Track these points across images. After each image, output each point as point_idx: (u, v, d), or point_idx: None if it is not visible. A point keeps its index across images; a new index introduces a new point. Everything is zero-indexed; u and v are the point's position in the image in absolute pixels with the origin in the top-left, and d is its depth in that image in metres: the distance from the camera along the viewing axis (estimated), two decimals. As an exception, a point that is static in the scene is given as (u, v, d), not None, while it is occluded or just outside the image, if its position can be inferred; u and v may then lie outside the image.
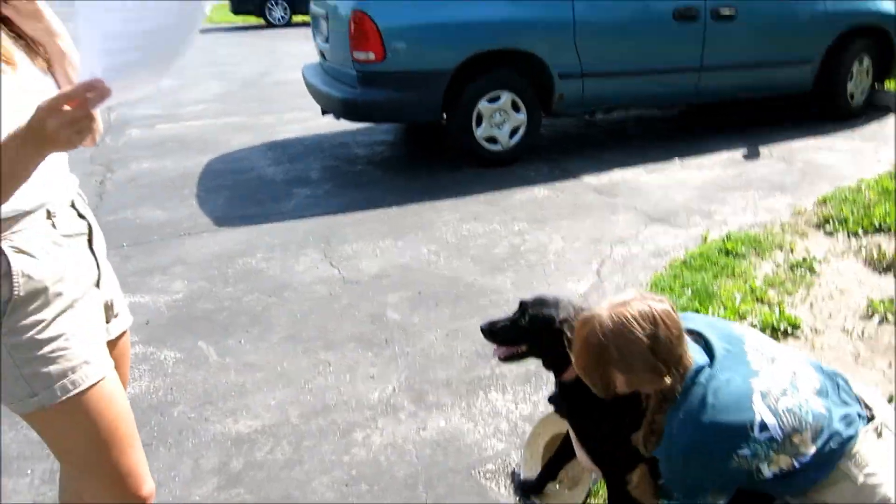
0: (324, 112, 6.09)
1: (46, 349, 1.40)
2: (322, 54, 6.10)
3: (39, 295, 1.39)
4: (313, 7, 6.24)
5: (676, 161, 5.60)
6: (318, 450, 2.54)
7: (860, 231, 4.08)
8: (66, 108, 1.17)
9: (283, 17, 18.05)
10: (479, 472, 2.40)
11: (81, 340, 1.46)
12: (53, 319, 1.41)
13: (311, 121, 7.26)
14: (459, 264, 3.99)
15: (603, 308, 1.64)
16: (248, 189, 5.33)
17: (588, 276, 3.78)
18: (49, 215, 1.44)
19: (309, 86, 6.12)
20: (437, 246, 4.24)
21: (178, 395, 2.90)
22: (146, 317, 3.51)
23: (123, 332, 1.73)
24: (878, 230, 4.08)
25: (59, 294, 1.42)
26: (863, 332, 3.12)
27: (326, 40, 5.81)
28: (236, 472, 2.44)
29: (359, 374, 2.99)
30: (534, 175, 5.39)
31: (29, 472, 2.48)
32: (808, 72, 6.33)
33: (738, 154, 5.71)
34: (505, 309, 3.44)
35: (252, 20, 18.87)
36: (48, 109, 1.17)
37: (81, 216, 1.55)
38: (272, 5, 17.94)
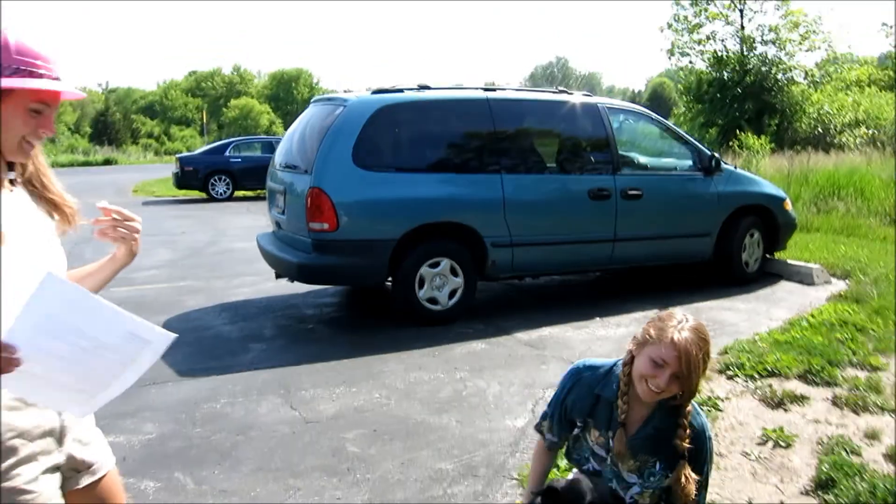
0: (278, 276, 6.62)
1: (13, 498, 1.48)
2: (277, 224, 6.70)
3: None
4: (270, 183, 6.93)
5: (597, 319, 6.28)
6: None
7: (755, 375, 4.74)
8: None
9: (224, 192, 18.91)
10: (439, 574, 2.75)
11: (27, 497, 1.51)
12: (6, 473, 1.48)
13: (259, 284, 7.77)
14: (408, 406, 4.42)
15: (677, 331, 2.16)
16: (207, 345, 5.70)
17: (524, 414, 4.26)
18: None
19: (264, 252, 6.68)
20: (388, 391, 4.67)
21: (159, 521, 3.17)
22: (122, 454, 3.77)
23: (104, 476, 1.77)
24: (770, 374, 4.74)
25: (17, 447, 1.49)
26: (759, 455, 3.67)
27: (283, 212, 6.44)
28: (222, 582, 2.73)
29: (326, 496, 3.33)
30: (471, 332, 5.95)
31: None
32: (708, 243, 7.29)
33: (650, 313, 6.43)
34: (451, 444, 3.88)
35: (195, 194, 19.69)
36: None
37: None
38: (215, 181, 18.84)
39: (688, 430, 2.23)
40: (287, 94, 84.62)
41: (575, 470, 2.52)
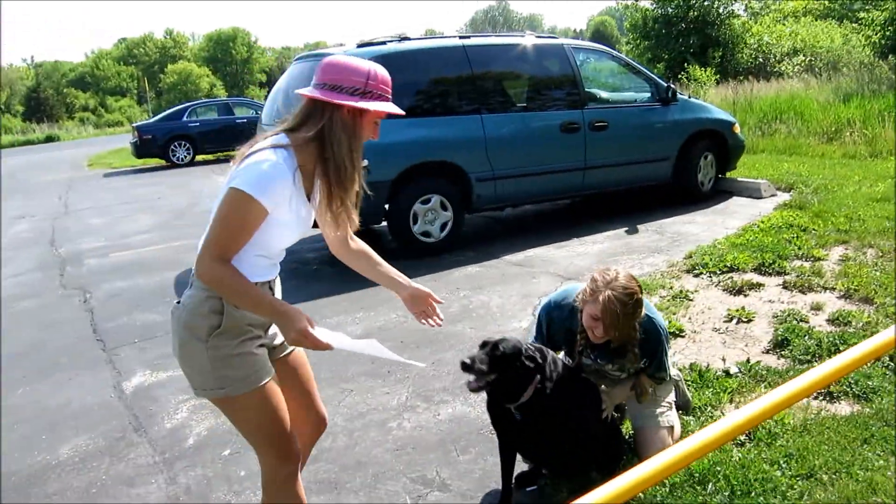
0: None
1: (234, 361, 2.09)
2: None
3: (235, 328, 2.09)
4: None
5: (574, 240, 6.99)
6: (366, 435, 3.51)
7: (717, 271, 5.50)
8: (305, 341, 2.00)
9: (185, 157, 19.06)
10: (487, 432, 3.43)
11: (255, 358, 2.14)
12: (240, 343, 2.10)
13: (256, 237, 8.25)
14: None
15: (607, 290, 2.65)
16: (226, 290, 6.22)
17: (527, 318, 4.95)
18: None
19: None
20: (403, 312, 5.29)
21: (241, 420, 3.77)
22: (186, 383, 4.33)
23: (292, 352, 2.40)
24: (730, 270, 5.51)
25: (249, 330, 2.13)
26: (726, 329, 4.43)
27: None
28: (314, 455, 3.36)
29: (376, 393, 3.98)
30: (464, 259, 6.60)
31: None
32: (668, 166, 8.03)
33: (621, 231, 7.18)
34: (469, 345, 4.54)
35: (154, 162, 19.80)
36: (299, 332, 1.97)
37: (271, 289, 2.24)
38: (175, 147, 18.98)
39: (637, 353, 2.84)
40: (225, 55, 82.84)
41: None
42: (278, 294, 2.33)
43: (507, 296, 5.47)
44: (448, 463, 3.22)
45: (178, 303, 2.16)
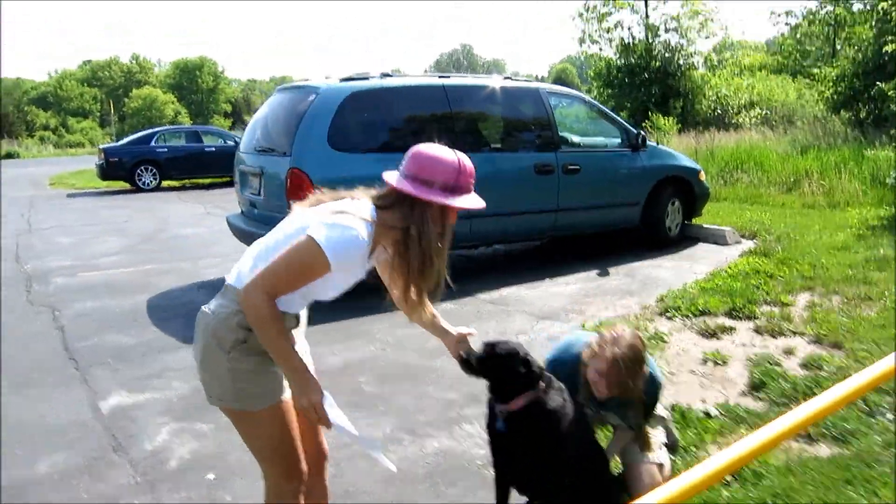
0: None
1: (253, 377, 2.16)
2: (252, 204, 7.18)
3: (259, 346, 2.10)
4: (241, 167, 7.39)
5: (547, 280, 7.10)
6: (353, 465, 3.51)
7: (690, 314, 5.64)
8: (312, 413, 2.08)
9: (150, 182, 18.87)
10: (475, 465, 3.46)
11: (273, 376, 2.19)
12: (261, 360, 2.15)
13: (226, 264, 8.11)
14: (404, 354, 5.10)
15: (613, 348, 2.76)
16: (199, 317, 6.17)
17: (507, 355, 5.00)
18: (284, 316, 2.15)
19: (239, 230, 7.17)
20: (381, 345, 5.33)
21: (226, 448, 3.73)
22: (166, 406, 4.31)
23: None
24: (702, 313, 5.66)
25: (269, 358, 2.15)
26: (703, 372, 4.55)
27: (258, 192, 6.94)
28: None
29: (359, 425, 3.89)
30: (439, 295, 6.64)
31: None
32: (637, 211, 8.23)
33: (592, 273, 7.32)
34: (448, 381, 4.58)
35: (118, 185, 19.54)
36: (311, 404, 2.06)
37: (297, 319, 2.29)
38: (142, 172, 18.78)
39: (642, 408, 2.95)
40: (191, 83, 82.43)
41: None
42: (303, 321, 2.39)
43: (483, 333, 5.50)
44: (437, 495, 3.25)
45: (209, 310, 2.19)
